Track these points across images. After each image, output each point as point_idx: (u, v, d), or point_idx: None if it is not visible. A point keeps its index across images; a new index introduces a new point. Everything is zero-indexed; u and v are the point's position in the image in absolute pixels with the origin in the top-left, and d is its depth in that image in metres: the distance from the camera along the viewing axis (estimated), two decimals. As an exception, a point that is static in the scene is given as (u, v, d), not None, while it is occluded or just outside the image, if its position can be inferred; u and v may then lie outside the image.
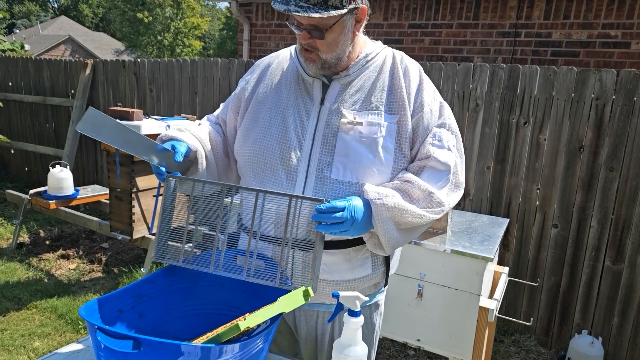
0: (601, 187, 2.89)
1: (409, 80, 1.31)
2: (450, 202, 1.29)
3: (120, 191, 3.51)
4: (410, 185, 1.24)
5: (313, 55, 1.25)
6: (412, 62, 1.36)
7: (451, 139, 1.31)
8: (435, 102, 1.32)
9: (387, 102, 1.29)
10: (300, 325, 1.43)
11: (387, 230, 1.20)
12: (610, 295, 2.93)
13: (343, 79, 1.31)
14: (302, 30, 1.22)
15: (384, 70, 1.32)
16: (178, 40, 27.38)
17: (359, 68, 1.31)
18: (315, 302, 1.37)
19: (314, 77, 1.32)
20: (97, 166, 5.66)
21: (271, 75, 1.40)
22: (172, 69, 4.79)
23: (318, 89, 1.32)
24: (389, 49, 1.37)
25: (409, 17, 5.26)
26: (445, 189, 1.27)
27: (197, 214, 1.24)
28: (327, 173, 1.26)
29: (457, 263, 2.22)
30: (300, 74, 1.35)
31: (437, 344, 2.35)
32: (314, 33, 1.20)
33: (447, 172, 1.28)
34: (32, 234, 4.61)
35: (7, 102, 6.17)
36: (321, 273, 1.31)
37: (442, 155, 1.27)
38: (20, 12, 38.23)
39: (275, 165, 1.29)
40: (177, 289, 1.26)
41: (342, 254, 1.30)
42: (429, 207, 1.24)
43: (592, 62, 4.47)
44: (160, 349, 0.90)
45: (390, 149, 1.26)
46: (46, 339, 2.98)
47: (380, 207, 1.18)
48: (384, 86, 1.30)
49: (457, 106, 3.26)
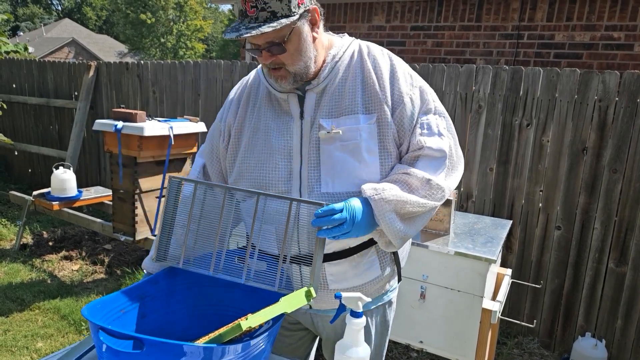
0: (604, 189, 2.88)
1: (380, 72, 1.25)
2: (449, 185, 1.27)
3: (123, 192, 3.52)
4: (408, 176, 1.22)
5: (282, 72, 1.20)
6: (380, 51, 1.30)
7: (440, 122, 1.28)
8: (414, 88, 1.27)
9: (363, 102, 1.24)
10: (318, 326, 1.44)
11: (391, 223, 1.19)
12: (614, 297, 2.92)
13: (316, 88, 1.26)
14: (262, 51, 1.17)
15: (352, 68, 1.27)
16: (181, 43, 27.48)
17: (329, 72, 1.26)
18: (329, 309, 1.36)
19: (288, 93, 1.27)
20: (101, 168, 5.67)
21: (245, 102, 1.36)
22: (175, 71, 4.80)
23: (295, 103, 1.27)
24: (355, 43, 1.31)
25: (412, 19, 5.26)
26: (443, 174, 1.26)
27: (199, 216, 1.24)
28: (317, 188, 1.24)
29: (459, 265, 2.22)
30: (272, 93, 1.30)
31: (440, 346, 2.34)
32: (273, 49, 1.16)
33: (444, 158, 1.26)
34: (36, 235, 4.62)
35: (11, 104, 6.20)
36: (330, 283, 1.30)
37: (434, 142, 1.25)
38: (24, 14, 38.42)
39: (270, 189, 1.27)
40: (179, 289, 1.26)
41: (348, 262, 1.29)
42: (429, 194, 1.23)
43: (595, 64, 4.46)
44: (162, 349, 0.89)
45: (374, 150, 1.23)
46: (49, 340, 2.98)
47: (380, 202, 1.17)
48: (356, 85, 1.25)
49: (459, 108, 3.25)
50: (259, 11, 1.11)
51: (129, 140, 3.34)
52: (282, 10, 1.11)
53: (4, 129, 6.40)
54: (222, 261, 1.20)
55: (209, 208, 1.25)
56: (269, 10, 1.11)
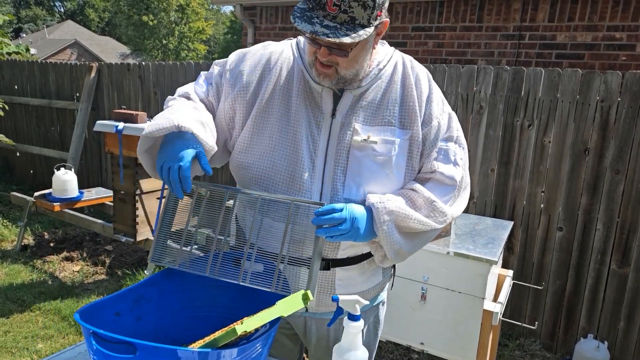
0: (607, 190, 2.86)
1: (420, 91, 1.24)
2: (453, 213, 1.27)
3: (124, 193, 3.51)
4: (415, 193, 1.22)
5: (331, 71, 1.15)
6: (422, 69, 1.30)
7: (458, 152, 1.28)
8: (444, 114, 1.27)
9: (400, 117, 1.23)
10: (310, 331, 1.42)
11: (388, 234, 1.18)
12: (616, 299, 2.90)
13: (355, 90, 1.22)
14: (322, 47, 1.11)
15: (395, 80, 1.25)
16: (183, 45, 27.53)
17: (372, 79, 1.23)
18: (328, 312, 1.36)
19: (323, 86, 1.21)
20: (102, 169, 5.68)
21: (275, 75, 1.25)
22: (176, 72, 4.80)
23: (328, 99, 1.22)
24: (398, 54, 1.30)
25: (413, 20, 5.25)
26: (450, 202, 1.26)
27: (199, 216, 1.23)
28: (340, 192, 1.21)
29: (460, 266, 2.21)
30: (308, 81, 1.23)
31: (441, 348, 2.33)
32: (335, 51, 1.10)
33: (454, 187, 1.25)
34: (37, 236, 4.63)
35: (13, 105, 6.21)
36: (337, 288, 1.30)
37: (447, 169, 1.24)
38: (27, 16, 38.54)
39: (287, 185, 1.22)
40: (176, 291, 1.24)
41: (358, 268, 1.30)
42: (432, 216, 1.22)
43: (597, 64, 4.44)
44: (155, 354, 0.88)
45: (402, 166, 1.23)
46: (49, 341, 2.98)
47: (382, 210, 1.16)
48: (396, 98, 1.24)
49: (460, 108, 3.24)
50: (340, 12, 1.04)
51: (130, 141, 3.34)
52: (362, 19, 1.06)
53: (6, 130, 6.41)
54: (219, 262, 1.19)
55: (209, 207, 1.23)
56: (350, 15, 1.05)
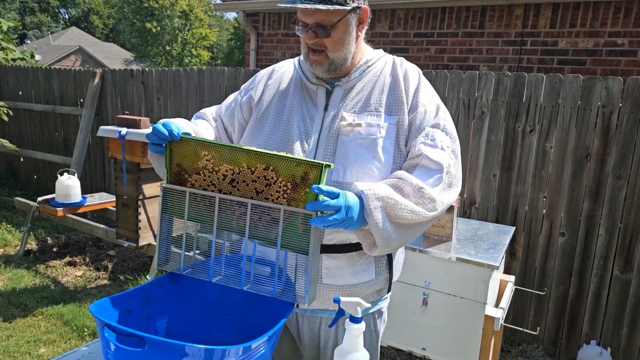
0: (609, 195, 2.86)
1: (408, 82, 1.33)
2: (443, 200, 1.25)
3: (126, 198, 3.53)
4: (402, 182, 1.22)
5: (321, 57, 1.28)
6: (413, 66, 1.39)
7: (445, 139, 1.30)
8: (431, 103, 1.32)
9: (387, 103, 1.32)
10: (303, 331, 1.43)
11: (378, 221, 1.16)
12: (619, 304, 2.89)
13: (345, 85, 1.34)
14: (308, 31, 1.26)
15: (383, 73, 1.36)
16: (186, 51, 27.67)
17: (360, 73, 1.35)
18: (319, 309, 1.36)
19: (318, 85, 1.36)
20: (105, 174, 5.70)
21: (275, 83, 1.43)
22: (179, 78, 4.83)
23: (322, 96, 1.36)
24: (389, 56, 1.40)
25: (415, 26, 5.28)
26: (438, 188, 1.24)
27: (199, 221, 1.24)
28: (328, 176, 1.26)
29: (462, 271, 2.21)
30: (304, 83, 1.39)
31: (443, 353, 2.32)
32: (319, 31, 1.25)
33: (440, 171, 1.25)
34: (40, 241, 4.65)
35: (17, 110, 6.25)
36: (324, 277, 1.31)
37: (433, 153, 1.25)
38: (32, 23, 38.84)
39: None
40: (184, 292, 1.28)
41: (346, 258, 1.31)
42: (421, 203, 1.21)
43: (598, 70, 4.45)
44: (164, 348, 0.92)
45: (389, 149, 1.28)
46: (52, 346, 2.98)
47: (371, 196, 1.16)
48: (383, 88, 1.33)
49: (462, 114, 3.25)
50: None
51: (133, 146, 3.36)
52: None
53: (10, 135, 6.45)
54: (222, 267, 1.21)
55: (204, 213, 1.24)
56: None
